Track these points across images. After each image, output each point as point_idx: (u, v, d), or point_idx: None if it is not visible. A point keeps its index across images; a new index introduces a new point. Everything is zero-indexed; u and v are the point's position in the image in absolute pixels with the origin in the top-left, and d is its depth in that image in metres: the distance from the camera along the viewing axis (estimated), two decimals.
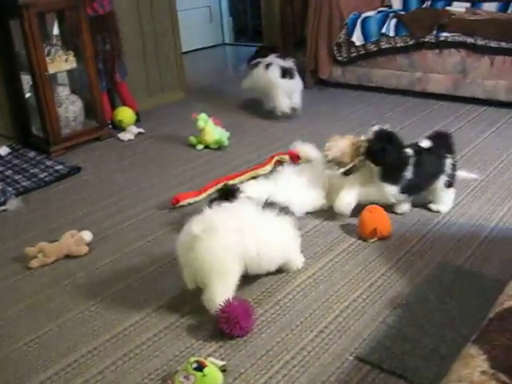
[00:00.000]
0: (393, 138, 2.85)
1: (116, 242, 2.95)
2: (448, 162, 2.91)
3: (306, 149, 3.38)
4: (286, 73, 4.40)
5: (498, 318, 1.10)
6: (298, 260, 2.58)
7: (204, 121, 4.06)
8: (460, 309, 2.21)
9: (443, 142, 2.95)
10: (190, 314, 2.31)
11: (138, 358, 2.10)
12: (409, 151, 2.84)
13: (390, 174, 2.83)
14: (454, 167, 2.95)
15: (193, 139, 4.17)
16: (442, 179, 2.92)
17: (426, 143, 2.91)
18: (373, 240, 2.74)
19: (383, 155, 2.78)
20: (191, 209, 3.16)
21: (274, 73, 4.41)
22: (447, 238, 2.75)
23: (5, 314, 2.42)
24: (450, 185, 2.95)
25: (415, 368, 1.93)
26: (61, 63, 4.17)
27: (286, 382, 1.94)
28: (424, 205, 3.05)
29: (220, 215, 2.27)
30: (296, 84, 4.50)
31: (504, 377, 0.92)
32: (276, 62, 4.49)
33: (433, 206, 3.00)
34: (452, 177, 2.94)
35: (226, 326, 2.12)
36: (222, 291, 2.20)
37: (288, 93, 4.46)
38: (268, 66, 4.50)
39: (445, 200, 2.99)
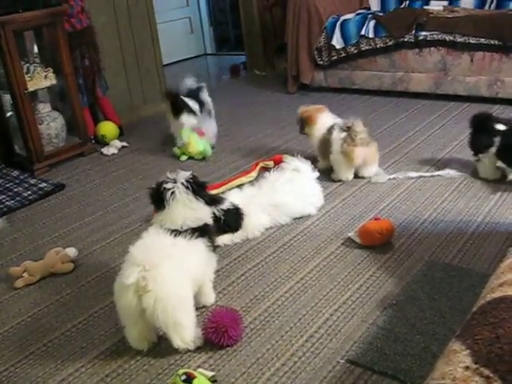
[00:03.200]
0: None
1: (102, 257, 2.91)
2: None
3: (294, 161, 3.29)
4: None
5: (480, 312, 1.08)
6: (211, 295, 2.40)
7: (187, 134, 4.02)
8: (450, 306, 2.20)
9: None
10: None
11: (126, 374, 2.06)
12: None
13: None
14: None
15: (177, 151, 4.15)
16: None
17: None
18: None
19: None
20: None
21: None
22: (435, 235, 2.74)
23: None
24: None
25: (407, 368, 1.91)
26: (40, 80, 4.14)
27: None
28: (409, 204, 3.06)
29: (145, 251, 2.05)
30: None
31: (487, 371, 0.90)
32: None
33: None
34: None
35: (214, 336, 2.09)
36: (191, 323, 2.08)
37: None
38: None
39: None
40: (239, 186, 3.29)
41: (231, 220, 2.82)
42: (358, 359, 1.98)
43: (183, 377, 1.85)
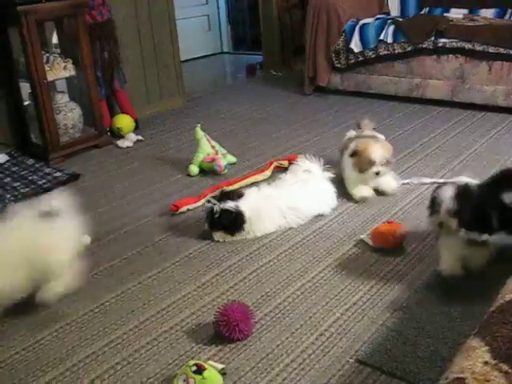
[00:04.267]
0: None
1: (114, 247, 2.94)
2: None
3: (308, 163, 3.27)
4: None
5: (499, 311, 1.09)
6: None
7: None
8: (461, 310, 2.20)
9: None
10: (188, 318, 2.30)
11: (136, 363, 2.08)
12: None
13: None
14: None
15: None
16: None
17: None
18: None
19: None
20: (190, 214, 3.18)
21: None
22: None
23: (2, 320, 2.39)
24: None
25: (416, 370, 1.92)
26: (59, 71, 4.17)
27: None
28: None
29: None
30: None
31: (506, 367, 0.92)
32: None
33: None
34: None
35: (225, 330, 2.11)
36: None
37: None
38: None
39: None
40: (254, 184, 3.31)
41: (226, 220, 2.83)
42: (367, 359, 1.99)
43: (193, 368, 1.87)
